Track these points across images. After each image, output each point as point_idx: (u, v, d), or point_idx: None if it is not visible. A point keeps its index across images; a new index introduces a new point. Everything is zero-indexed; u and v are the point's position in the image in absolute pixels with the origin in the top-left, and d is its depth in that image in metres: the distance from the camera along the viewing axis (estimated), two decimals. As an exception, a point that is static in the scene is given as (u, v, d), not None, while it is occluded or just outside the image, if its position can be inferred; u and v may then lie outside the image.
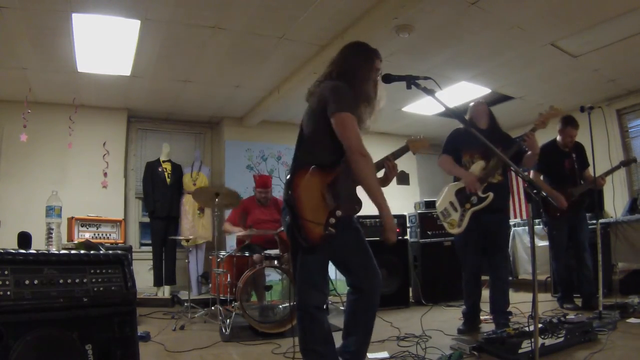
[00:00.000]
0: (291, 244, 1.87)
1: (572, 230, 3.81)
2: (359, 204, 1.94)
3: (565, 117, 3.85)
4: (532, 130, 3.05)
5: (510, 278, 5.17)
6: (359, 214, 1.98)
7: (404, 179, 7.22)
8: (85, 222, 4.15)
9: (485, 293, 3.20)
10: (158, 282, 5.16)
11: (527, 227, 5.16)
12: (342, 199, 1.83)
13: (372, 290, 1.90)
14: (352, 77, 1.90)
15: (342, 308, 4.12)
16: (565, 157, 3.83)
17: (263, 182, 4.31)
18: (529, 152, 3.09)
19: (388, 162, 2.11)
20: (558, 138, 3.90)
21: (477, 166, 3.10)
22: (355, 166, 1.78)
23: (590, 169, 3.61)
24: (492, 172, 3.05)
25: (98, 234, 4.16)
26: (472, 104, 3.34)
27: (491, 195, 2.98)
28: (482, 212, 3.02)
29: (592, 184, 3.55)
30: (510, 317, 3.08)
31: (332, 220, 1.79)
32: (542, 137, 3.65)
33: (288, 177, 1.83)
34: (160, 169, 5.39)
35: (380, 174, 2.09)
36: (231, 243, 5.51)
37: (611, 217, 4.58)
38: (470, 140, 2.96)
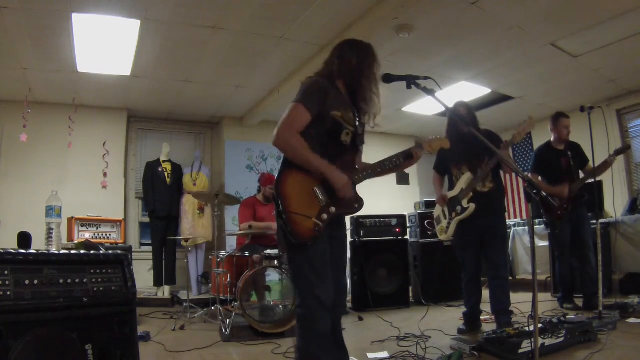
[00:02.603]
0: (283, 243, 1.79)
1: (574, 229, 3.79)
2: (359, 202, 1.86)
3: (553, 115, 3.88)
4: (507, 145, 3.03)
5: (510, 278, 5.18)
6: (359, 213, 1.96)
7: (404, 179, 7.22)
8: (85, 222, 4.15)
9: (486, 294, 3.20)
10: (158, 282, 5.16)
11: (527, 227, 5.16)
12: (337, 197, 1.76)
13: (334, 315, 1.80)
14: (349, 73, 1.87)
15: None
16: (561, 155, 3.81)
17: (272, 179, 4.33)
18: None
19: (417, 151, 1.95)
20: (552, 138, 3.89)
21: (464, 178, 3.15)
22: (283, 153, 1.77)
23: (591, 165, 3.61)
24: (478, 180, 3.09)
25: (98, 234, 4.16)
26: (455, 103, 3.27)
27: (472, 206, 3.06)
28: (475, 216, 3.08)
29: (598, 171, 3.55)
30: (512, 315, 3.07)
31: (324, 217, 1.72)
32: (541, 140, 3.65)
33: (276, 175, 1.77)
34: (160, 169, 5.39)
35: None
36: (231, 243, 5.51)
37: (611, 217, 4.58)
38: (454, 151, 2.92)
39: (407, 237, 4.80)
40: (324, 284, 1.72)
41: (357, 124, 1.89)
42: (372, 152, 2.04)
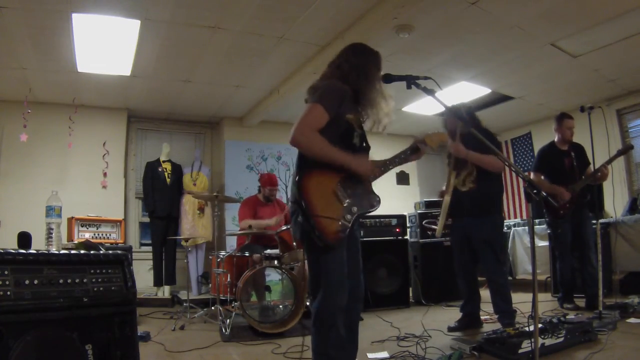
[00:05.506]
0: (306, 245, 1.83)
1: (576, 229, 3.78)
2: (377, 200, 1.91)
3: (557, 115, 3.89)
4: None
5: (510, 278, 5.17)
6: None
7: (404, 179, 7.22)
8: (85, 222, 4.15)
9: (487, 294, 3.20)
10: (158, 282, 5.16)
11: (527, 227, 5.16)
12: (357, 196, 1.81)
13: (354, 307, 1.89)
14: (357, 78, 1.89)
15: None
16: (564, 156, 3.81)
17: (271, 180, 4.35)
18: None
19: (421, 146, 2.06)
20: (556, 138, 3.89)
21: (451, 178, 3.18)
22: (302, 151, 1.78)
23: (592, 168, 3.61)
24: (452, 172, 3.11)
25: (98, 234, 4.16)
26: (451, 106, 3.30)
27: (447, 199, 3.01)
28: (458, 216, 3.13)
29: (592, 177, 3.55)
30: (515, 314, 3.06)
31: (348, 217, 1.76)
32: (541, 140, 3.64)
33: (296, 178, 1.77)
34: (160, 169, 5.39)
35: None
36: (231, 243, 5.51)
37: (611, 217, 4.58)
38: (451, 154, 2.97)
39: (407, 237, 4.80)
40: (343, 286, 1.77)
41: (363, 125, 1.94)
42: (371, 153, 2.04)
